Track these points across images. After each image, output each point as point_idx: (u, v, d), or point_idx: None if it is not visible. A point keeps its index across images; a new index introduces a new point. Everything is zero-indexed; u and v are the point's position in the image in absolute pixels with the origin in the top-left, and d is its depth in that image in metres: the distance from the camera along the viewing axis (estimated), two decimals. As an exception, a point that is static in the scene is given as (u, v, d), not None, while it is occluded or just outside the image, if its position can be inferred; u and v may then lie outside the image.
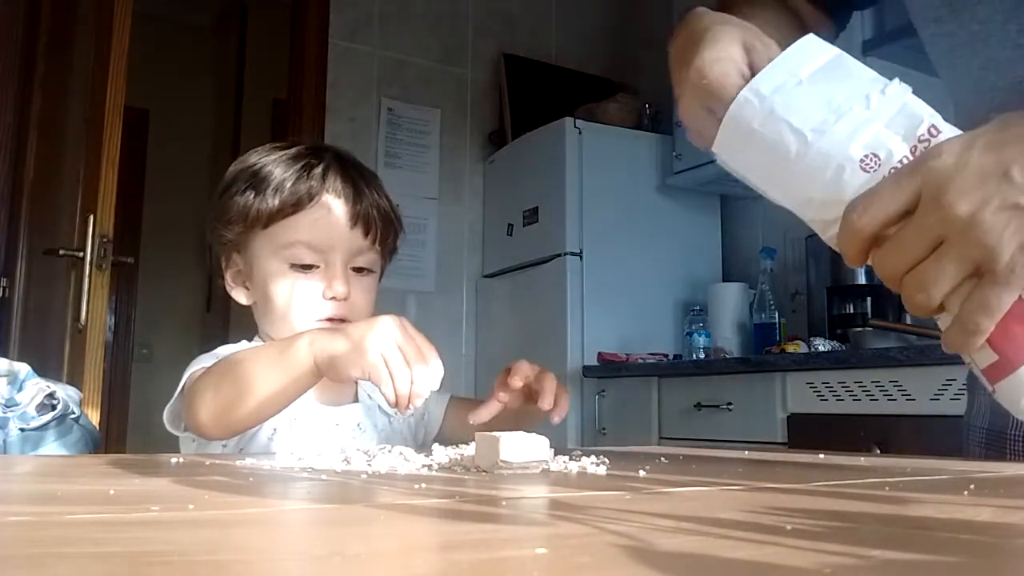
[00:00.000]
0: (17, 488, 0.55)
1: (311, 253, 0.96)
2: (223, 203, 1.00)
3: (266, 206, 0.96)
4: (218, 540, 0.32)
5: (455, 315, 3.24)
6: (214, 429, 0.83)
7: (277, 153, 1.01)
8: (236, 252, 1.02)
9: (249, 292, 1.02)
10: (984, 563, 0.28)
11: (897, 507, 0.45)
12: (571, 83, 3.44)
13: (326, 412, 0.99)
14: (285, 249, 0.96)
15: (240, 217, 0.98)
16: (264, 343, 1.00)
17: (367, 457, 0.66)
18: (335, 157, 1.02)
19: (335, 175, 0.99)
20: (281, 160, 0.99)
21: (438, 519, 0.38)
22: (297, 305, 0.96)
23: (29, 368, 1.16)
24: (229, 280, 1.04)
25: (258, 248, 0.98)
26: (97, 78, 2.36)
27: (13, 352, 2.66)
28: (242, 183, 0.99)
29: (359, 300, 0.99)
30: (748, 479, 0.60)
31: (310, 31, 3.07)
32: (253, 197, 0.97)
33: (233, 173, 1.02)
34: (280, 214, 0.96)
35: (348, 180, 0.99)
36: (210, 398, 0.82)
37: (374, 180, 1.04)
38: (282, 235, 0.96)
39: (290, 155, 1.00)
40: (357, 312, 0.98)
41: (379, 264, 1.04)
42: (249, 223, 0.98)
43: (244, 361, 0.83)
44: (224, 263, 1.03)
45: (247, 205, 0.97)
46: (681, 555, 0.29)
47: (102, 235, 2.28)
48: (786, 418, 2.17)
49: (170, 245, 4.61)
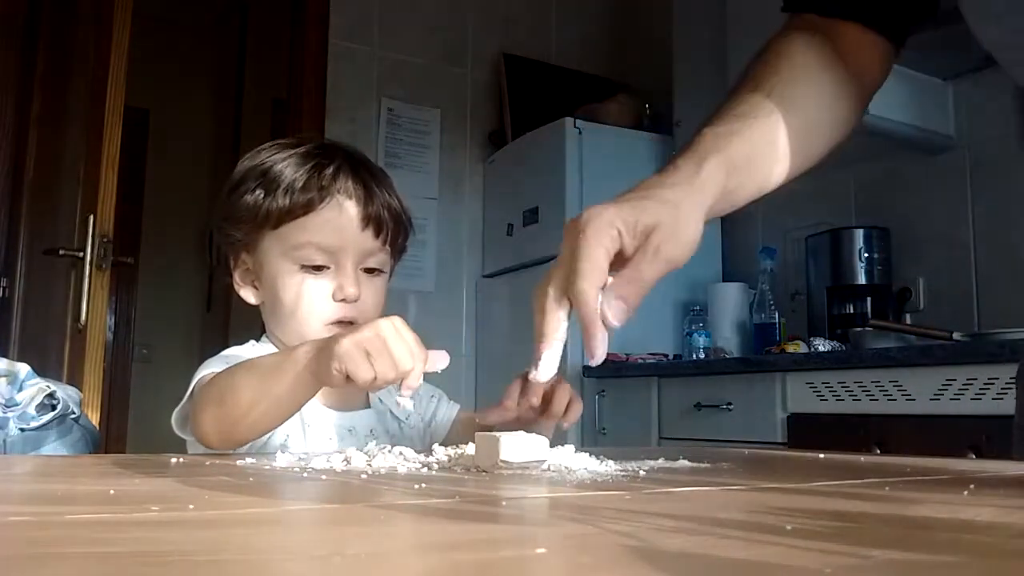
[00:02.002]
0: (17, 488, 0.55)
1: (322, 254, 0.96)
2: (232, 202, 0.99)
3: (276, 206, 0.95)
4: (218, 540, 0.32)
5: (455, 315, 3.24)
6: (220, 444, 0.84)
7: (287, 152, 0.99)
8: (245, 251, 1.01)
9: (257, 291, 1.02)
10: (984, 563, 0.28)
11: (897, 507, 0.45)
12: (571, 83, 3.44)
13: (338, 418, 0.98)
14: (295, 250, 0.96)
15: (250, 217, 0.97)
16: (265, 353, 1.00)
17: (367, 457, 0.66)
18: (346, 157, 1.01)
19: (346, 176, 0.98)
20: (292, 160, 0.98)
21: (438, 519, 0.38)
22: (307, 306, 0.96)
23: (29, 368, 1.16)
24: (237, 279, 1.03)
25: (267, 248, 0.98)
26: (97, 78, 2.36)
27: (13, 352, 2.66)
28: (252, 182, 0.98)
29: (369, 301, 0.98)
30: (748, 479, 0.60)
31: (310, 31, 3.07)
32: (263, 197, 0.96)
33: (242, 171, 1.00)
34: (291, 215, 0.95)
35: (359, 181, 0.98)
36: (212, 414, 0.83)
37: (385, 179, 1.03)
38: (292, 236, 0.96)
39: (300, 154, 0.99)
40: (367, 313, 0.98)
41: (389, 264, 1.03)
42: (259, 223, 0.97)
43: (244, 375, 0.83)
44: (232, 262, 1.03)
45: (257, 205, 0.96)
46: (681, 555, 0.29)
47: (102, 235, 2.28)
48: (786, 418, 2.17)
49: (170, 245, 4.61)
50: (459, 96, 3.37)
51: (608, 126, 2.98)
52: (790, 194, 2.88)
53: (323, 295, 0.96)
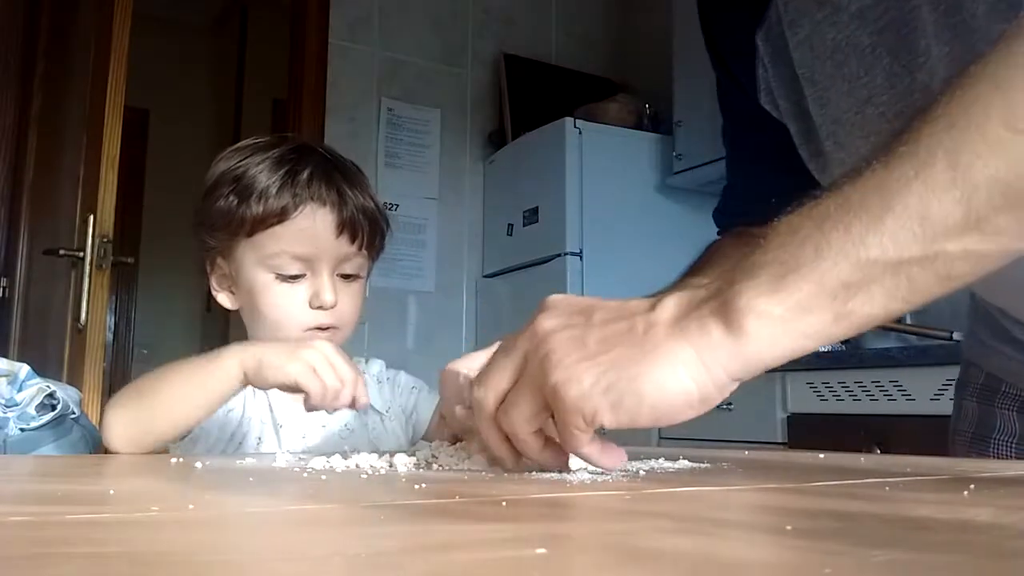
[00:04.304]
0: (17, 488, 0.55)
1: (296, 264, 0.95)
2: (206, 207, 0.98)
3: (250, 214, 0.94)
4: (218, 540, 0.32)
5: (455, 315, 3.24)
6: (127, 445, 0.83)
7: (260, 156, 0.98)
8: (221, 257, 1.00)
9: (234, 297, 1.02)
10: (984, 563, 0.28)
11: (897, 507, 0.45)
12: (571, 83, 3.44)
13: (312, 415, 0.98)
14: (270, 259, 0.95)
15: (223, 224, 0.96)
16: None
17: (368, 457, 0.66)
18: (319, 160, 0.99)
19: (320, 182, 0.96)
20: (265, 165, 0.97)
21: (438, 519, 0.38)
22: (283, 314, 0.96)
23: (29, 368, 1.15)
24: (214, 284, 1.02)
25: (242, 256, 0.97)
26: (97, 78, 2.36)
27: (13, 352, 2.66)
28: (225, 187, 0.97)
29: (346, 307, 0.98)
30: (748, 479, 0.60)
31: (310, 31, 3.07)
32: (236, 204, 0.95)
33: (214, 176, 0.99)
34: (264, 224, 0.95)
35: (332, 186, 0.97)
36: (123, 413, 0.83)
37: (359, 181, 1.02)
38: (267, 245, 0.95)
39: (274, 159, 0.97)
40: (345, 319, 0.98)
41: (366, 267, 1.03)
42: (232, 230, 0.96)
43: (164, 375, 0.85)
44: (209, 267, 1.02)
45: (230, 212, 0.95)
46: (681, 555, 0.29)
47: (102, 235, 2.28)
48: (786, 418, 2.17)
49: (170, 245, 4.60)
50: (459, 96, 3.37)
51: (608, 126, 2.98)
52: (790, 194, 2.89)
53: (299, 303, 0.96)
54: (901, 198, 0.43)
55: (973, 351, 0.92)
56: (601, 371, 0.48)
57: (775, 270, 0.45)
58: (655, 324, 0.48)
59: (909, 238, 0.43)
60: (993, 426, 0.87)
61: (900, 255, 0.43)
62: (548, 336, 0.50)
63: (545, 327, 0.50)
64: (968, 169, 0.42)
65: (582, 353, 0.48)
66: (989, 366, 0.88)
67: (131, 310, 4.73)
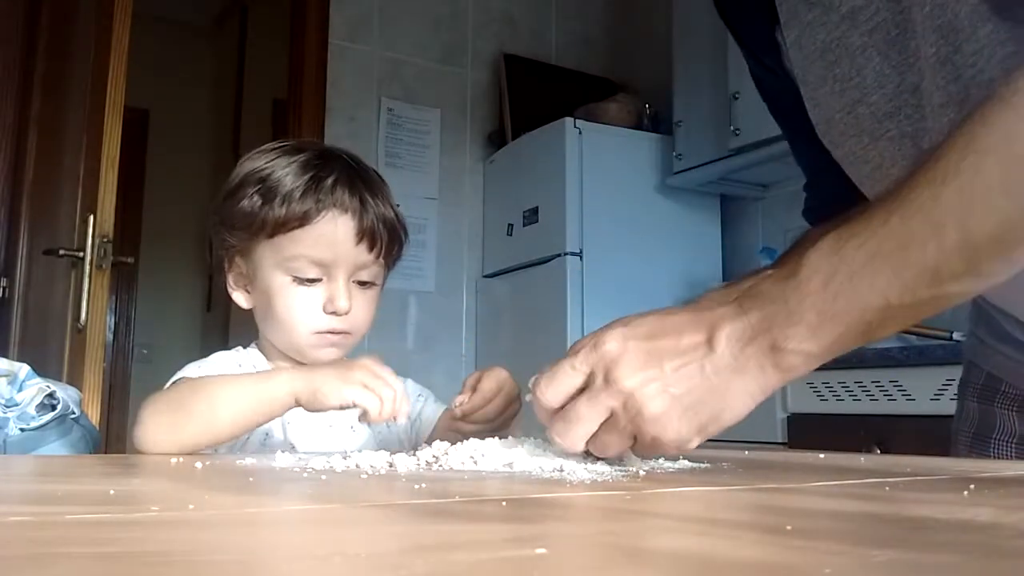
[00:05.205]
0: (17, 488, 0.55)
1: (314, 268, 0.96)
2: (228, 207, 0.99)
3: (272, 216, 0.95)
4: (218, 540, 0.32)
5: (455, 315, 3.24)
6: (159, 448, 0.83)
7: (286, 159, 0.99)
8: (239, 256, 1.01)
9: (250, 296, 1.02)
10: (984, 563, 0.28)
11: (897, 507, 0.45)
12: (571, 83, 3.44)
13: (319, 414, 0.99)
14: (289, 262, 0.96)
15: (245, 224, 0.97)
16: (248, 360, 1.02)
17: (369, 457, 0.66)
18: (344, 167, 1.00)
19: (343, 188, 0.97)
20: (291, 168, 0.98)
21: (438, 519, 0.38)
22: (297, 316, 0.97)
23: (29, 368, 1.16)
24: (231, 282, 1.03)
25: (261, 256, 0.98)
26: (97, 78, 2.36)
27: (13, 352, 2.66)
28: (250, 188, 0.98)
29: (360, 314, 0.99)
30: (748, 479, 0.60)
31: (310, 31, 3.07)
32: (260, 206, 0.96)
33: (240, 176, 1.00)
34: (286, 226, 0.95)
35: (355, 193, 0.98)
36: (161, 419, 0.83)
37: (382, 189, 1.02)
38: (286, 247, 0.96)
39: (300, 163, 0.98)
40: (357, 325, 0.99)
41: (382, 276, 1.03)
42: (254, 231, 0.97)
43: (210, 389, 0.85)
44: (227, 265, 1.03)
45: (253, 212, 0.96)
46: (681, 555, 0.29)
47: (102, 235, 2.28)
48: (786, 418, 2.17)
49: (170, 245, 4.61)
50: (459, 96, 3.37)
51: (608, 126, 2.98)
52: (790, 193, 2.87)
53: (314, 306, 0.97)
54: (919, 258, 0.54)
55: (973, 351, 0.92)
56: (689, 417, 0.60)
57: (812, 319, 0.57)
58: (720, 369, 0.60)
59: (923, 288, 0.55)
60: (993, 426, 0.87)
61: (914, 300, 0.56)
62: (634, 393, 0.60)
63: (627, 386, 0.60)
64: (972, 233, 0.53)
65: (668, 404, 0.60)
66: (989, 366, 0.89)
67: (131, 310, 4.73)
